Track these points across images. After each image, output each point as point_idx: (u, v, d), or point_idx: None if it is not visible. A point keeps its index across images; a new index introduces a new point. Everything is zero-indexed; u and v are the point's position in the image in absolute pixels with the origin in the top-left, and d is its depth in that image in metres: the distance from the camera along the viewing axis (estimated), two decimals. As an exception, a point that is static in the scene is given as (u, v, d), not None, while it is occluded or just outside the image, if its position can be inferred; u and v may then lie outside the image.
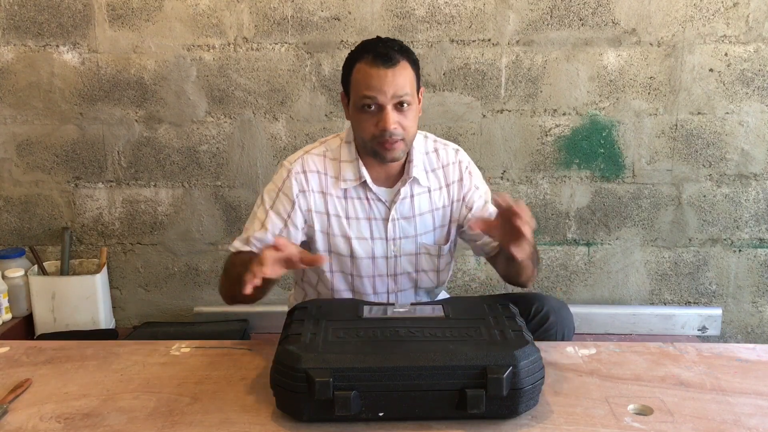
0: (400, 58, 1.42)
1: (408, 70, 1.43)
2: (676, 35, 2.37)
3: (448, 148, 1.59)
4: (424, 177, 1.54)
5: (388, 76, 1.39)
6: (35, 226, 2.59)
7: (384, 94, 1.39)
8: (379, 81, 1.39)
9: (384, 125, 1.40)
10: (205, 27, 2.41)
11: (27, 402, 1.18)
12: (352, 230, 1.51)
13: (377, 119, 1.41)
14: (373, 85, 1.39)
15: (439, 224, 1.58)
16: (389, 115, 1.40)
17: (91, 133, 2.51)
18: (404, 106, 1.42)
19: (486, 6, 2.37)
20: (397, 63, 1.40)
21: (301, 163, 1.51)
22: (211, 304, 2.63)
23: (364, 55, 1.42)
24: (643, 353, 1.34)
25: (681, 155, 2.48)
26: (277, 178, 1.53)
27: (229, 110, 2.48)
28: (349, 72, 1.46)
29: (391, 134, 1.40)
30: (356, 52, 1.45)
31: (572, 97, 2.44)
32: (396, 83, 1.39)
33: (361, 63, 1.42)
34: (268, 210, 1.51)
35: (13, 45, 2.43)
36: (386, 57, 1.40)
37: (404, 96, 1.41)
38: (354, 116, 1.46)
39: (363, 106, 1.42)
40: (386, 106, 1.40)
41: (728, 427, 1.08)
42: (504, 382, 1.05)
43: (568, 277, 2.60)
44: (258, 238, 1.49)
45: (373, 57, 1.40)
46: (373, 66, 1.40)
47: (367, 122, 1.43)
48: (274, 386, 1.10)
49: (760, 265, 2.56)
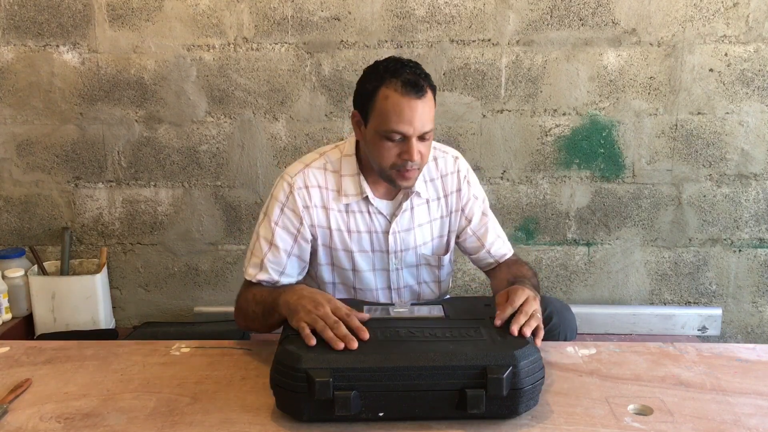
0: (427, 87, 1.37)
1: (432, 100, 1.39)
2: (676, 35, 2.38)
3: (447, 156, 1.57)
4: (424, 189, 1.53)
5: (419, 109, 1.35)
6: (35, 226, 2.59)
7: (413, 128, 1.36)
8: (411, 114, 1.35)
9: (408, 157, 1.37)
10: (205, 27, 2.41)
11: (27, 402, 1.18)
12: (354, 244, 1.50)
13: (400, 149, 1.38)
14: (405, 119, 1.35)
15: (438, 234, 1.57)
16: (414, 147, 1.37)
17: (91, 133, 2.51)
18: (426, 137, 1.39)
19: (486, 6, 2.37)
20: (425, 93, 1.36)
21: (302, 177, 1.47)
22: (211, 304, 2.64)
23: (390, 79, 1.36)
24: (643, 353, 1.34)
25: (681, 155, 2.48)
26: (279, 193, 1.47)
27: (229, 110, 2.48)
28: (371, 95, 1.38)
29: (413, 165, 1.39)
30: (380, 75, 1.38)
31: (572, 97, 2.44)
32: (425, 117, 1.36)
33: (389, 89, 1.35)
34: (274, 227, 1.45)
35: (13, 45, 2.43)
36: (417, 86, 1.35)
37: (429, 130, 1.39)
38: (374, 142, 1.40)
39: (388, 136, 1.37)
40: (412, 138, 1.37)
41: (728, 427, 1.08)
42: (504, 382, 1.05)
43: (568, 277, 2.60)
44: (273, 261, 1.45)
45: (402, 85, 1.34)
46: (404, 96, 1.34)
47: (389, 151, 1.38)
48: (274, 386, 1.10)
49: (760, 265, 2.56)
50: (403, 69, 1.37)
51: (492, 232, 1.58)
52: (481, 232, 1.57)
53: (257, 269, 1.46)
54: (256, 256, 1.47)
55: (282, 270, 1.46)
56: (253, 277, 1.46)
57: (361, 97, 1.42)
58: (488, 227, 1.57)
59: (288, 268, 1.47)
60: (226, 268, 2.61)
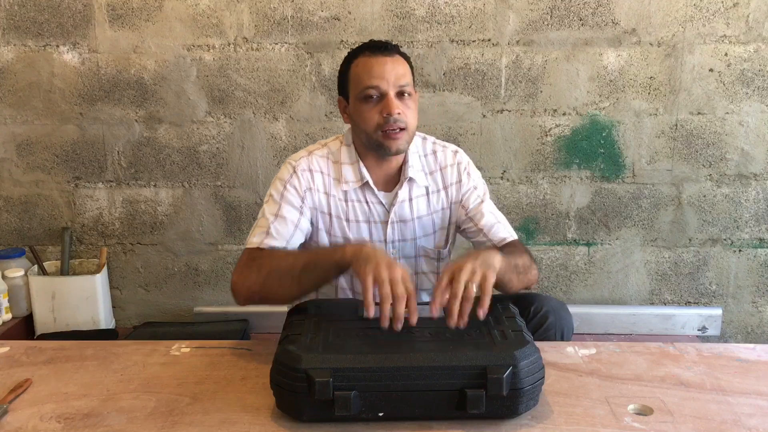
0: (396, 51, 1.46)
1: (404, 64, 1.47)
2: (676, 35, 2.37)
3: (447, 150, 1.59)
4: (422, 178, 1.54)
5: (389, 63, 1.42)
6: (35, 226, 2.59)
7: (386, 81, 1.41)
8: (381, 68, 1.42)
9: (389, 110, 1.41)
10: (205, 27, 2.41)
11: (27, 402, 1.18)
12: (352, 232, 1.52)
13: (381, 107, 1.42)
14: (375, 73, 1.41)
15: (439, 227, 1.58)
16: (393, 100, 1.41)
17: (91, 133, 2.51)
18: (405, 96, 1.44)
19: (486, 6, 2.37)
20: (394, 53, 1.45)
21: (306, 161, 1.51)
22: (211, 304, 2.64)
23: (361, 51, 1.47)
24: (643, 353, 1.34)
25: (681, 155, 2.48)
26: (283, 174, 1.50)
27: (229, 110, 2.48)
28: (346, 71, 1.49)
29: (395, 120, 1.41)
30: (353, 52, 1.49)
31: (572, 97, 2.44)
32: (397, 71, 1.42)
33: (359, 57, 1.46)
34: (279, 202, 1.47)
35: (13, 45, 2.43)
36: (384, 47, 1.45)
37: (405, 85, 1.43)
38: (356, 110, 1.46)
39: (366, 97, 1.43)
40: (389, 92, 1.42)
41: (728, 427, 1.08)
42: (504, 382, 1.05)
43: (568, 277, 2.60)
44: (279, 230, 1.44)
45: (370, 49, 1.45)
46: (372, 56, 1.43)
47: (370, 112, 1.43)
48: (274, 386, 1.10)
49: (760, 265, 2.56)
50: (370, 41, 1.48)
51: (490, 215, 1.56)
52: (477, 216, 1.56)
53: (263, 236, 1.43)
54: (260, 227, 1.45)
55: (288, 239, 1.44)
56: (259, 243, 1.42)
57: (340, 81, 1.52)
58: (485, 211, 1.56)
59: (294, 239, 1.45)
60: (226, 268, 2.61)
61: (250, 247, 1.43)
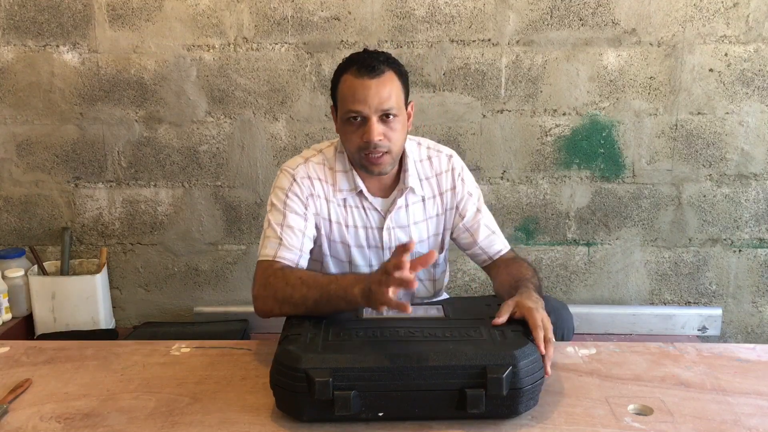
0: (386, 69, 1.41)
1: (394, 81, 1.42)
2: (676, 35, 2.37)
3: (441, 155, 1.58)
4: (419, 186, 1.53)
5: (372, 88, 1.38)
6: (35, 226, 2.59)
7: (368, 106, 1.38)
8: (364, 92, 1.38)
9: (368, 137, 1.38)
10: (205, 27, 2.41)
11: (27, 402, 1.18)
12: (351, 238, 1.52)
13: (362, 131, 1.40)
14: (358, 97, 1.38)
15: (433, 233, 1.58)
16: (374, 126, 1.38)
17: (91, 133, 2.51)
18: (390, 118, 1.40)
19: (486, 6, 2.37)
20: (382, 73, 1.39)
21: (304, 169, 1.50)
22: (211, 304, 2.64)
23: (350, 67, 1.42)
24: (643, 353, 1.35)
25: (681, 155, 2.47)
26: (283, 183, 1.49)
27: (229, 110, 2.48)
28: (336, 84, 1.45)
29: (375, 146, 1.39)
30: (343, 65, 1.45)
31: (572, 97, 2.44)
32: (380, 95, 1.38)
33: (346, 74, 1.42)
34: (284, 211, 1.46)
35: (13, 45, 2.43)
36: (371, 68, 1.39)
37: (389, 108, 1.39)
38: (341, 129, 1.45)
39: (348, 119, 1.41)
40: (371, 117, 1.39)
41: (728, 427, 1.08)
42: (504, 382, 1.05)
43: (568, 277, 2.60)
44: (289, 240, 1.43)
45: (357, 68, 1.40)
46: (357, 77, 1.39)
47: (352, 134, 1.42)
48: (274, 386, 1.10)
49: (760, 265, 2.56)
50: (361, 55, 1.44)
51: (485, 228, 1.58)
52: (474, 228, 1.57)
53: (276, 248, 1.42)
54: (271, 238, 1.44)
55: (300, 248, 1.44)
56: (273, 256, 1.41)
57: (331, 89, 1.49)
58: (481, 223, 1.57)
59: (305, 247, 1.46)
60: (226, 268, 2.61)
61: (265, 260, 1.42)
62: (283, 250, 1.42)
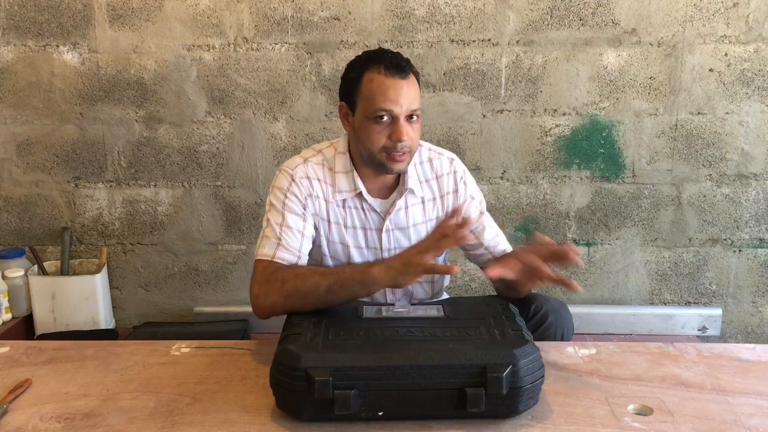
0: (410, 71, 1.42)
1: (416, 84, 1.43)
2: (676, 35, 2.38)
3: (443, 158, 1.58)
4: (419, 188, 1.53)
5: (404, 88, 1.39)
6: (35, 226, 2.59)
7: (400, 106, 1.38)
8: (396, 92, 1.38)
9: (398, 137, 1.38)
10: (205, 27, 2.41)
11: (27, 402, 1.18)
12: (350, 239, 1.51)
13: (390, 131, 1.39)
14: (390, 97, 1.37)
15: None
16: (403, 127, 1.39)
17: (91, 133, 2.51)
18: (414, 119, 1.41)
19: (486, 6, 2.37)
20: (408, 74, 1.41)
21: (303, 169, 1.49)
22: (211, 304, 2.64)
23: (373, 65, 1.40)
24: (643, 353, 1.35)
25: (681, 155, 2.48)
26: (282, 183, 1.48)
27: (229, 110, 2.48)
28: (356, 82, 1.42)
29: (402, 146, 1.40)
30: (362, 63, 1.43)
31: (572, 97, 2.44)
32: (410, 96, 1.39)
33: (372, 73, 1.39)
34: (282, 211, 1.46)
35: (13, 45, 2.43)
36: (400, 68, 1.39)
37: (416, 110, 1.41)
38: (362, 127, 1.42)
39: (376, 117, 1.39)
40: (400, 117, 1.39)
41: (728, 427, 1.08)
42: (503, 381, 1.05)
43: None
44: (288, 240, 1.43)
45: (386, 67, 1.39)
46: (388, 76, 1.38)
47: (379, 134, 1.40)
48: (274, 386, 1.10)
49: (760, 265, 2.56)
50: (385, 54, 1.42)
51: (490, 229, 1.58)
52: (478, 230, 1.57)
53: (274, 248, 1.42)
54: (269, 238, 1.44)
55: (299, 248, 1.44)
56: (272, 256, 1.42)
57: (346, 87, 1.46)
58: (486, 225, 1.57)
59: (304, 247, 1.45)
60: (226, 268, 2.62)
61: (264, 260, 1.42)
62: (281, 250, 1.42)
